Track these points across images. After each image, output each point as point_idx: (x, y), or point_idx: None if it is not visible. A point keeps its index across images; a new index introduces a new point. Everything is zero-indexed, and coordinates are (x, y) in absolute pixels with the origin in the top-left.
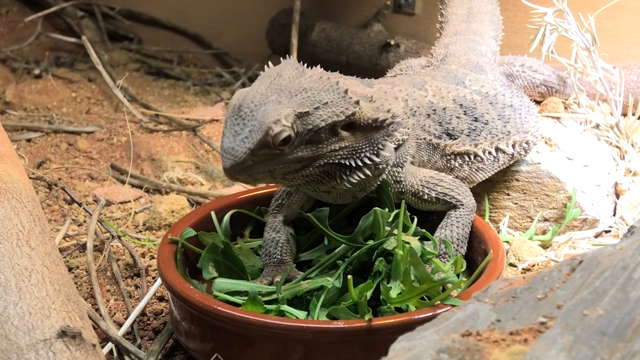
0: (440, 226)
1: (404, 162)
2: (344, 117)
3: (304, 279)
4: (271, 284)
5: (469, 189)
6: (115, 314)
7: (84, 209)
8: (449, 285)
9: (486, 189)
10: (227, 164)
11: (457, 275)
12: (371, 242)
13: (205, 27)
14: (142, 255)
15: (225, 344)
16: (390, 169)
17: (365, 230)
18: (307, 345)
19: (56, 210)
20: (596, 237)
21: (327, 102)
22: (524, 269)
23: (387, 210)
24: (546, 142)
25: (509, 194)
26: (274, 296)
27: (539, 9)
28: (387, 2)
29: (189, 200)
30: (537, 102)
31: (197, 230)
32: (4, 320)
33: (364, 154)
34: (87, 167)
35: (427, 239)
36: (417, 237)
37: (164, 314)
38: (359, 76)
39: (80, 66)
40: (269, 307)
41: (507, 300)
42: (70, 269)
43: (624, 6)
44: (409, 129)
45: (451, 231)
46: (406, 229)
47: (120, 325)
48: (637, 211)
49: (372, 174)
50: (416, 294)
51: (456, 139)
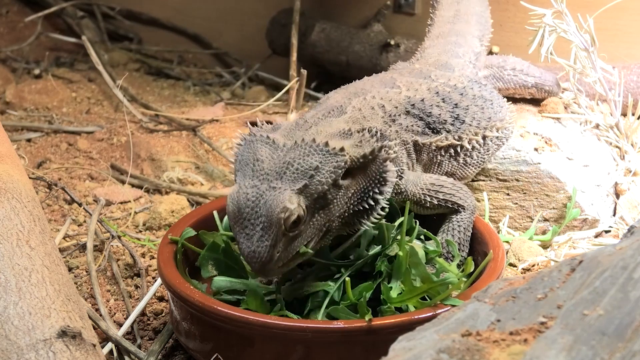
0: (441, 230)
1: (402, 172)
2: (339, 171)
3: (302, 279)
4: (270, 283)
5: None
6: (115, 314)
7: (84, 209)
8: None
9: (486, 189)
10: (256, 267)
11: (468, 275)
12: (376, 247)
13: (205, 27)
14: (142, 255)
15: (225, 344)
16: None
17: (370, 243)
18: (307, 345)
19: (56, 210)
20: (596, 237)
21: (317, 166)
22: (524, 269)
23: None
24: (546, 142)
25: (509, 194)
26: (274, 296)
27: (538, 10)
28: (387, 2)
29: (189, 200)
30: (536, 102)
31: (197, 230)
32: (4, 320)
33: (372, 191)
34: (87, 167)
35: (429, 239)
36: (420, 236)
37: (164, 314)
38: (360, 76)
39: (80, 66)
40: (268, 298)
41: (507, 300)
42: (70, 269)
43: (623, 6)
44: (396, 139)
45: (452, 235)
46: (409, 232)
47: (120, 325)
48: (637, 211)
49: (395, 197)
50: (416, 294)
51: (439, 132)
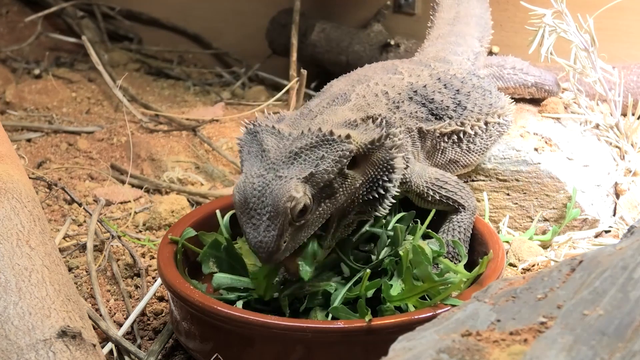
0: (442, 230)
1: (407, 161)
2: (345, 160)
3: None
4: (273, 287)
5: (468, 171)
6: (115, 314)
7: (84, 209)
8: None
9: (486, 189)
10: (264, 257)
11: (478, 276)
12: (385, 250)
13: (205, 27)
14: (142, 255)
15: (225, 344)
16: None
17: (384, 245)
18: (307, 345)
19: (56, 210)
20: (596, 237)
21: (323, 155)
22: (524, 269)
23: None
24: (546, 142)
25: (509, 194)
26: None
27: (538, 10)
28: (387, 2)
29: (189, 200)
30: (536, 102)
31: (197, 230)
32: (4, 320)
33: (381, 180)
34: (87, 167)
35: (431, 238)
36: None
37: (164, 314)
38: None
39: (80, 66)
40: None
41: (507, 300)
42: (70, 269)
43: (623, 6)
44: (400, 127)
45: (453, 236)
46: (414, 230)
47: (120, 325)
48: (637, 211)
49: (397, 188)
50: (416, 292)
51: (442, 118)
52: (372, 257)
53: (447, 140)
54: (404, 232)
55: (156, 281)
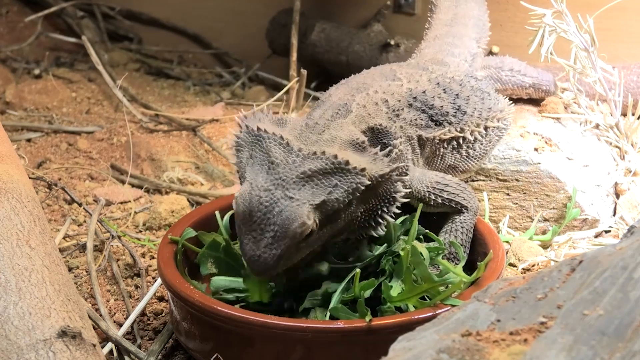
0: (444, 231)
1: (407, 168)
2: (358, 193)
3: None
4: (270, 290)
5: (468, 177)
6: (115, 314)
7: (84, 209)
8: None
9: (486, 189)
10: (257, 270)
11: (477, 280)
12: (381, 247)
13: (205, 27)
14: (142, 255)
15: (225, 344)
16: None
17: (380, 243)
18: (307, 345)
19: (56, 210)
20: (596, 237)
21: (337, 184)
22: (524, 269)
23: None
24: (546, 142)
25: (509, 194)
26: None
27: (538, 10)
28: (387, 2)
29: (189, 200)
30: (536, 102)
31: (197, 230)
32: (4, 320)
33: (381, 210)
34: (87, 167)
35: (431, 240)
36: (420, 236)
37: (164, 314)
38: None
39: (80, 66)
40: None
41: (507, 300)
42: (70, 269)
43: (623, 6)
44: (401, 136)
45: (455, 237)
46: (409, 231)
47: (120, 325)
48: (637, 211)
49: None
50: (416, 293)
51: (441, 124)
52: (368, 253)
53: (446, 146)
54: (397, 229)
55: (156, 281)
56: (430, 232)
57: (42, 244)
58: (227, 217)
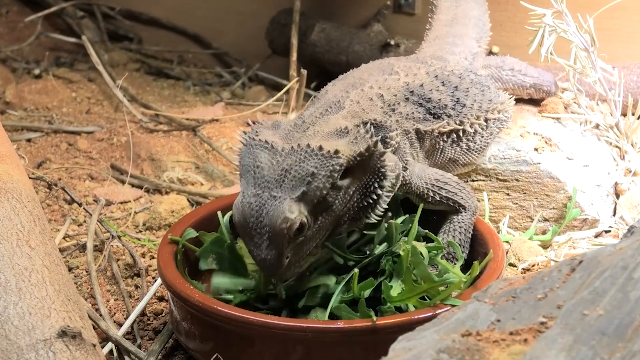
0: (442, 230)
1: (406, 163)
2: (336, 174)
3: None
4: (270, 282)
5: (468, 170)
6: (115, 314)
7: (84, 209)
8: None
9: (486, 189)
10: (269, 273)
11: (477, 277)
12: (380, 247)
13: (205, 27)
14: (142, 255)
15: (225, 344)
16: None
17: (379, 242)
18: (307, 345)
19: (56, 210)
20: (596, 237)
21: (314, 172)
22: (524, 269)
23: (392, 215)
24: (546, 142)
25: (509, 194)
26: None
27: (538, 10)
28: (387, 2)
29: (189, 200)
30: (536, 102)
31: (197, 230)
32: (4, 320)
33: (373, 186)
34: (87, 167)
35: (431, 240)
36: (422, 237)
37: (164, 314)
38: None
39: (80, 66)
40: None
41: (507, 300)
42: (70, 269)
43: (623, 6)
44: (397, 129)
45: (454, 237)
46: (409, 232)
47: (120, 325)
48: (637, 211)
49: (392, 192)
50: (416, 293)
51: (440, 117)
52: (367, 252)
53: (446, 139)
54: (398, 229)
55: (156, 281)
56: (429, 232)
57: (42, 244)
58: (227, 216)
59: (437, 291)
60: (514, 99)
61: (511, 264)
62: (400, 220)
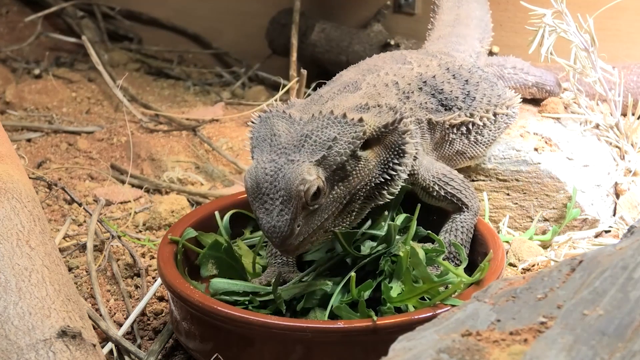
0: (444, 230)
1: (416, 153)
2: (358, 141)
3: (301, 280)
4: (269, 284)
5: (473, 164)
6: (115, 314)
7: (84, 209)
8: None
9: (486, 189)
10: (277, 242)
11: (479, 281)
12: (379, 247)
13: (205, 27)
14: (142, 255)
15: (225, 344)
16: None
17: (379, 243)
18: (307, 345)
19: (56, 210)
20: (596, 237)
21: (335, 137)
22: (524, 269)
23: (388, 212)
24: (546, 142)
25: (509, 194)
26: (272, 296)
27: (538, 10)
28: (387, 2)
29: (189, 200)
30: (536, 102)
31: (197, 230)
32: (4, 320)
33: (392, 162)
34: (87, 167)
35: (432, 241)
36: (422, 237)
37: (164, 314)
38: None
39: (80, 66)
40: (266, 298)
41: (507, 300)
42: (70, 269)
43: (623, 6)
44: (410, 117)
45: (455, 236)
46: (406, 232)
47: (120, 325)
48: (637, 211)
49: (406, 173)
50: (416, 293)
51: (451, 109)
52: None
53: (456, 131)
54: (397, 230)
55: (156, 281)
56: (431, 232)
57: (42, 244)
58: (226, 217)
59: (437, 291)
60: (520, 96)
61: (511, 264)
62: (399, 220)
